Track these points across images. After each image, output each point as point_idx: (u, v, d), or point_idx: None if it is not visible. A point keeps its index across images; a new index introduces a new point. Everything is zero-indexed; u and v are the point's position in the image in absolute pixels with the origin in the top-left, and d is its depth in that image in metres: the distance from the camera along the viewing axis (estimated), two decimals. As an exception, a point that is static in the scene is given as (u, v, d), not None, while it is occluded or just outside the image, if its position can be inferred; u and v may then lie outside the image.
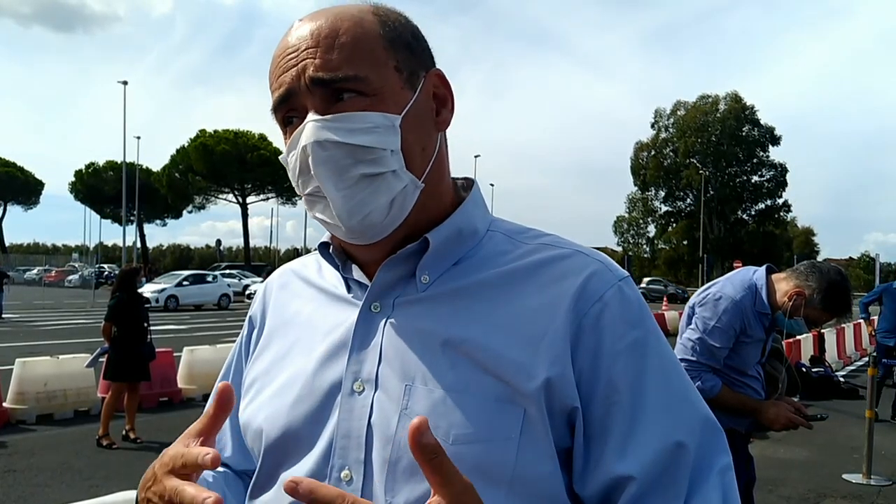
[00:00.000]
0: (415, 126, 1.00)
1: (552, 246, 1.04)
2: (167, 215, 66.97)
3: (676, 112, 75.05)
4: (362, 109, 0.96)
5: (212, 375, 11.08)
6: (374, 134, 0.96)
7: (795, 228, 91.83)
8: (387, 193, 0.97)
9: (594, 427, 0.95)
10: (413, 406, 0.95)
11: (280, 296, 1.20)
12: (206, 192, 57.62)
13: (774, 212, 74.88)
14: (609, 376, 0.95)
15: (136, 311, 8.48)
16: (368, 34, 0.99)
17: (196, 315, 28.92)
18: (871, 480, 7.17)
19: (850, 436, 8.68)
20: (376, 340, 1.01)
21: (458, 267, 1.03)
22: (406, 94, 1.00)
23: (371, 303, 1.04)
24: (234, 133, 54.54)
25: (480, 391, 0.94)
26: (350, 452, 0.97)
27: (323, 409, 1.01)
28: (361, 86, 0.96)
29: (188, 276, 34.42)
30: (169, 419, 9.70)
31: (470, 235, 1.05)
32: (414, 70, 1.02)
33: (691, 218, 73.13)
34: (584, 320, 0.96)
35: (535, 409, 0.92)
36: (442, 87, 1.06)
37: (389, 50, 0.99)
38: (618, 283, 1.00)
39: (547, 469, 0.94)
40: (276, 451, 1.04)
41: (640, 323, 0.99)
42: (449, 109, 1.06)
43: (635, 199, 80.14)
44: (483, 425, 0.92)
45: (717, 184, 72.64)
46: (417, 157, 1.00)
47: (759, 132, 72.84)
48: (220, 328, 22.36)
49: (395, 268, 1.02)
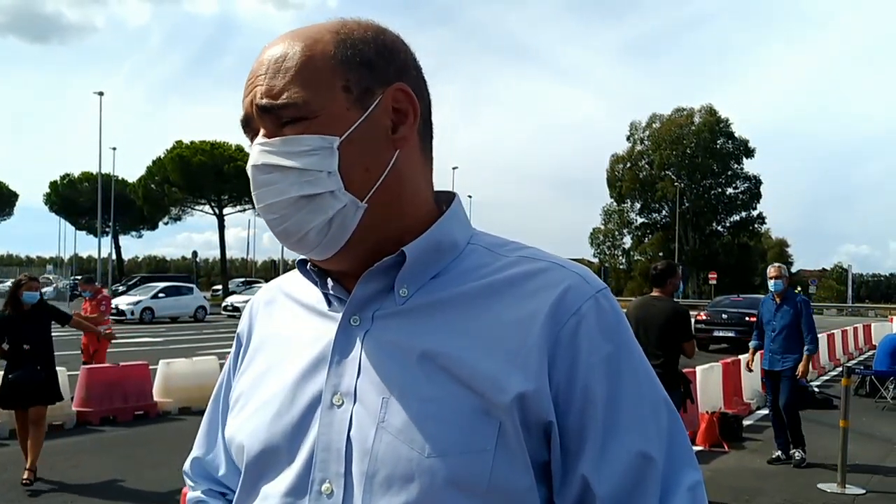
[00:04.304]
0: (358, 146, 1.00)
1: (531, 259, 1.05)
2: (143, 227, 66.37)
3: (652, 125, 75.63)
4: (302, 133, 0.99)
5: (188, 389, 11.04)
6: (311, 156, 0.98)
7: (769, 240, 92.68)
8: (323, 213, 0.99)
9: (570, 440, 0.96)
10: (390, 419, 0.95)
11: (265, 312, 1.21)
12: (182, 203, 57.18)
13: (748, 224, 75.53)
14: (585, 389, 0.95)
15: (13, 329, 7.43)
16: (316, 56, 1.00)
17: (172, 328, 28.68)
18: (846, 490, 7.22)
19: (825, 445, 8.76)
20: (355, 353, 1.01)
21: (437, 280, 1.04)
22: (353, 114, 1.00)
23: (350, 316, 1.04)
24: (210, 144, 54.24)
25: (456, 404, 0.94)
26: (330, 465, 0.97)
27: (303, 423, 1.01)
28: (301, 111, 0.98)
29: (164, 287, 34.11)
30: (144, 433, 9.60)
31: (449, 249, 1.06)
32: (368, 87, 1.01)
33: (667, 230, 73.62)
34: (560, 333, 0.96)
35: (509, 422, 0.93)
36: (405, 102, 1.04)
37: (339, 69, 1.00)
38: (594, 296, 1.00)
39: (523, 482, 0.94)
40: (257, 464, 1.05)
41: (616, 335, 0.99)
42: (409, 125, 1.04)
43: (611, 210, 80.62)
44: (458, 438, 0.93)
45: (692, 196, 73.21)
46: (359, 177, 1.00)
47: (733, 145, 73.53)
48: (197, 341, 22.20)
49: (372, 281, 1.03)
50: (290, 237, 1.01)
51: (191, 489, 1.29)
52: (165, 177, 54.24)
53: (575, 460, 0.96)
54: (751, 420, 10.91)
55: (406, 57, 1.08)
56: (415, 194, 1.07)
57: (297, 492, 0.99)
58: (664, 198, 73.74)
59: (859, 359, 20.29)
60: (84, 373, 10.21)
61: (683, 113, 74.57)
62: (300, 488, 0.99)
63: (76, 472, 7.56)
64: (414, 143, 1.06)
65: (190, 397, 10.98)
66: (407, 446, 0.93)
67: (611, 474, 0.94)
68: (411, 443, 0.93)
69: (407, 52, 1.08)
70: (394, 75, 1.04)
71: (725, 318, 21.43)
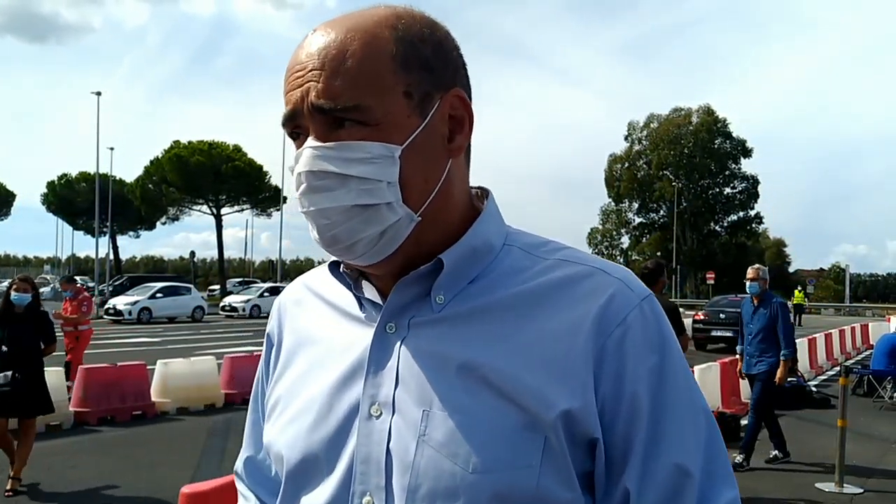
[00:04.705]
0: (419, 156, 0.96)
1: (570, 262, 1.01)
2: (141, 227, 66.18)
3: (650, 125, 75.64)
4: (362, 139, 0.93)
5: (186, 389, 11.04)
6: (371, 165, 0.93)
7: (767, 240, 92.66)
8: (378, 225, 0.95)
9: (615, 452, 0.94)
10: (431, 432, 0.93)
11: (294, 312, 1.17)
12: (179, 203, 57.05)
13: (746, 223, 75.55)
14: (631, 402, 0.93)
15: None
16: (378, 56, 0.94)
17: (170, 328, 28.66)
18: (843, 489, 7.23)
19: (823, 445, 8.76)
20: (392, 363, 0.98)
21: (474, 285, 1.00)
22: (413, 122, 0.95)
23: (386, 323, 1.01)
24: (208, 144, 54.11)
25: (499, 418, 0.91)
26: (370, 478, 0.95)
27: (341, 433, 0.99)
28: (362, 115, 0.93)
29: (161, 288, 34.09)
30: (142, 433, 9.60)
31: (485, 252, 1.02)
32: (428, 92, 0.97)
33: (664, 230, 73.63)
34: (606, 343, 0.94)
35: (554, 438, 0.90)
36: (461, 109, 1.00)
37: (400, 73, 0.95)
38: (639, 304, 0.97)
39: (568, 495, 0.92)
40: (297, 475, 1.03)
41: (661, 345, 0.96)
42: (465, 134, 1.01)
43: (609, 210, 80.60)
44: (503, 453, 0.90)
45: (690, 196, 73.22)
46: (417, 189, 0.96)
47: (731, 144, 73.56)
48: (195, 341, 22.20)
49: (408, 288, 0.99)
50: (337, 244, 0.96)
51: (243, 499, 1.25)
52: (163, 177, 54.19)
53: (619, 473, 0.94)
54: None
55: (457, 56, 1.03)
56: (459, 201, 1.04)
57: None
58: (662, 198, 73.74)
59: (857, 358, 20.31)
60: (82, 373, 10.20)
61: (681, 113, 74.59)
62: (341, 501, 0.97)
63: (74, 473, 7.56)
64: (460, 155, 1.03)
65: (188, 397, 10.98)
66: (450, 461, 0.91)
67: (652, 487, 0.93)
68: (454, 458, 0.91)
69: (457, 51, 1.03)
70: (450, 79, 1.00)
71: (723, 318, 21.41)
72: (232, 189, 53.79)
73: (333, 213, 0.94)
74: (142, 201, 56.54)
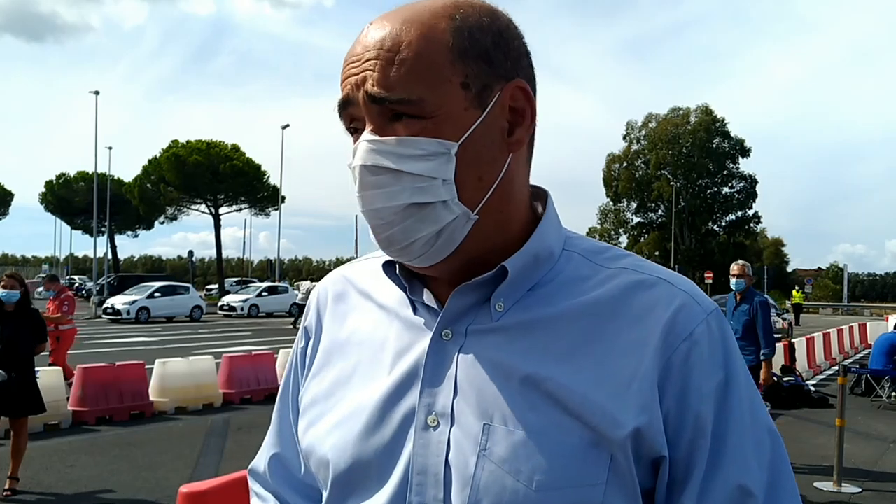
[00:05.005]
0: (476, 151, 0.93)
1: (634, 271, 0.99)
2: (139, 226, 66.10)
3: (648, 124, 75.57)
4: (417, 133, 0.91)
5: (184, 388, 11.02)
6: (426, 161, 0.91)
7: (765, 239, 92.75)
8: (434, 224, 0.92)
9: (677, 470, 0.91)
10: (493, 447, 0.90)
11: (337, 308, 1.13)
12: (178, 202, 56.95)
13: (744, 223, 75.47)
14: (696, 420, 0.91)
15: None
16: (434, 47, 0.91)
17: (168, 327, 28.64)
18: (841, 489, 7.23)
19: (821, 444, 8.77)
20: (450, 372, 0.95)
21: (534, 293, 0.97)
22: (471, 115, 0.92)
23: (442, 330, 0.98)
24: (206, 143, 54.01)
25: (565, 434, 0.89)
26: (427, 490, 0.92)
27: (395, 442, 0.96)
28: (416, 109, 0.90)
29: (160, 287, 34.10)
30: (140, 432, 9.58)
31: (546, 259, 0.99)
32: (487, 84, 0.94)
33: (663, 229, 73.57)
34: (672, 358, 0.92)
35: (622, 456, 0.88)
36: (522, 101, 0.97)
37: (458, 64, 0.92)
38: (706, 318, 0.95)
39: None
40: (345, 482, 1.00)
41: (727, 362, 0.94)
42: (526, 127, 0.97)
43: (607, 210, 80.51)
44: (568, 471, 0.88)
45: (688, 195, 73.16)
46: (472, 186, 0.93)
47: (729, 144, 73.49)
48: (193, 340, 22.18)
49: (467, 294, 0.97)
50: (393, 245, 0.94)
51: (257, 498, 1.21)
52: (161, 176, 54.09)
53: (679, 491, 0.92)
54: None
55: (520, 45, 0.99)
56: (520, 200, 1.01)
57: None
58: (660, 197, 73.68)
59: (855, 358, 20.35)
60: (80, 372, 10.19)
61: (679, 112, 74.53)
62: None
63: (72, 472, 7.55)
64: (524, 145, 0.99)
65: (186, 397, 10.97)
66: (512, 478, 0.88)
67: None
68: (517, 474, 0.88)
69: (520, 39, 0.99)
70: (511, 69, 0.96)
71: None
72: (230, 188, 53.70)
73: (388, 212, 0.92)
74: (140, 201, 56.44)
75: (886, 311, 46.88)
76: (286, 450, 1.18)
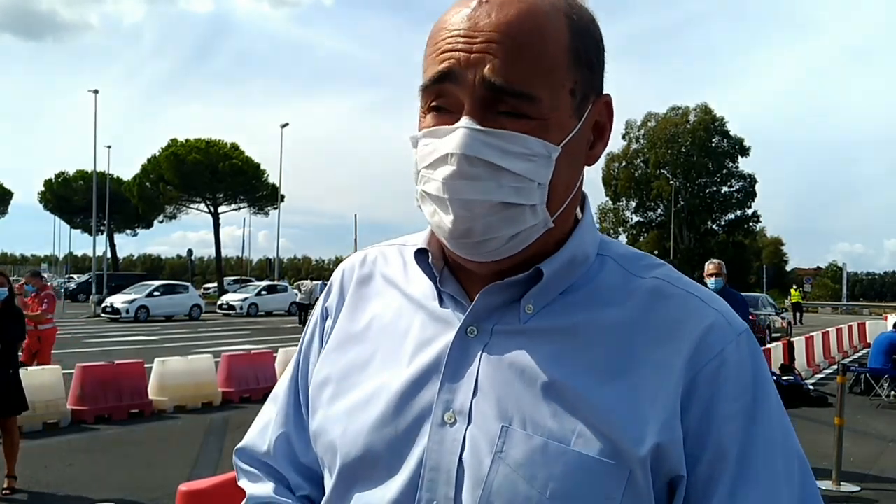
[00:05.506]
0: (568, 160, 0.91)
1: (668, 284, 0.96)
2: (138, 225, 66.07)
3: (647, 123, 75.52)
4: (524, 131, 0.87)
5: (183, 387, 11.02)
6: (529, 162, 0.88)
7: (764, 239, 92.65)
8: (516, 226, 0.89)
9: (696, 491, 0.88)
10: (509, 450, 0.88)
11: (359, 291, 1.10)
12: (177, 201, 56.87)
13: (744, 222, 75.43)
14: (718, 440, 0.88)
15: None
16: (557, 46, 0.88)
17: (167, 326, 28.61)
18: (840, 487, 7.25)
19: (820, 443, 8.76)
20: (472, 370, 0.93)
21: (565, 298, 0.95)
22: (572, 123, 0.91)
23: (468, 326, 0.96)
24: (205, 142, 53.90)
25: (584, 446, 0.87)
26: (439, 487, 0.90)
27: (409, 435, 0.94)
28: (531, 106, 0.87)
29: (159, 286, 34.08)
30: (139, 431, 9.58)
31: (581, 262, 0.97)
32: (586, 94, 0.92)
33: (662, 228, 73.56)
34: (699, 376, 0.89)
35: (640, 472, 0.86)
36: (605, 117, 0.97)
37: (572, 68, 0.90)
38: (737, 339, 0.92)
39: None
40: (353, 471, 0.97)
41: (756, 385, 0.91)
42: (605, 142, 0.97)
43: (606, 209, 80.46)
44: (585, 483, 0.86)
45: (688, 194, 73.14)
46: (560, 194, 0.92)
47: (728, 143, 73.45)
48: (192, 339, 22.17)
49: (499, 293, 0.95)
50: (470, 237, 0.89)
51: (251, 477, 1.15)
52: (160, 175, 54.03)
53: None
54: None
55: (604, 58, 0.97)
56: (575, 209, 1.00)
57: None
58: (659, 196, 73.66)
59: (854, 357, 20.36)
60: (79, 371, 10.18)
61: (679, 112, 74.46)
62: None
63: (71, 471, 7.55)
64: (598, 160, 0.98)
65: (185, 396, 10.96)
66: (526, 483, 0.86)
67: None
68: (531, 480, 0.86)
69: (604, 52, 0.97)
70: (601, 82, 0.95)
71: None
72: (229, 187, 53.65)
73: (478, 206, 0.88)
74: (139, 199, 56.39)
75: (885, 310, 46.87)
76: (292, 430, 1.14)
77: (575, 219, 1.00)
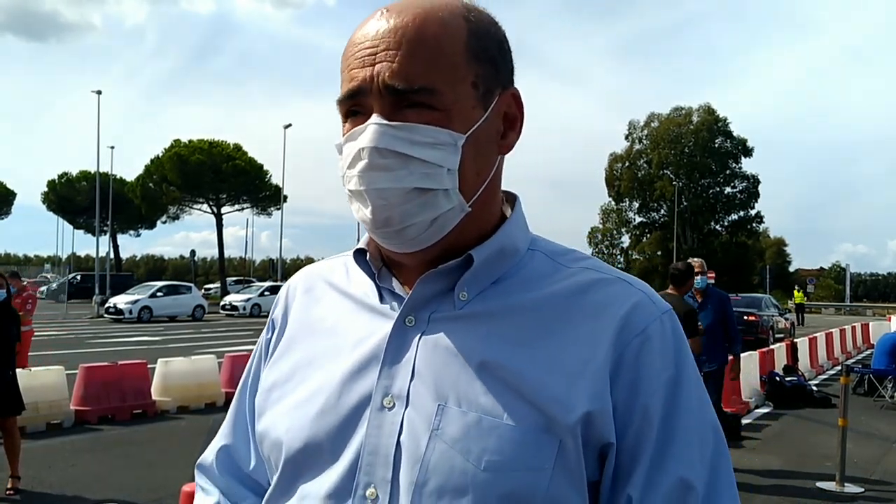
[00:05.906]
0: (476, 148, 0.97)
1: (594, 270, 1.03)
2: (141, 226, 66.03)
3: (650, 124, 75.50)
4: (429, 123, 0.94)
5: (186, 387, 11.03)
6: (435, 150, 0.94)
7: (767, 239, 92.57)
8: (432, 211, 0.95)
9: (622, 461, 0.94)
10: (445, 427, 0.92)
11: (304, 300, 1.16)
12: (180, 202, 56.90)
13: (747, 223, 75.39)
14: (644, 412, 0.94)
15: None
16: (454, 43, 0.96)
17: (170, 326, 28.65)
18: (844, 488, 7.23)
19: (824, 444, 8.76)
20: (409, 356, 0.98)
21: (497, 286, 1.01)
22: (476, 113, 0.97)
23: (406, 316, 1.00)
24: (208, 143, 53.97)
25: (516, 418, 0.91)
26: (377, 470, 0.94)
27: (350, 423, 0.97)
28: (433, 99, 0.94)
29: (162, 286, 34.12)
30: (142, 432, 9.59)
31: (511, 254, 1.03)
32: (490, 87, 0.99)
33: (665, 229, 73.51)
34: (626, 350, 0.95)
35: (571, 441, 0.91)
36: (515, 108, 1.04)
37: (472, 63, 0.97)
38: (660, 317, 0.98)
39: (577, 500, 0.92)
40: (297, 463, 1.00)
41: (678, 359, 0.97)
42: (516, 132, 1.04)
43: (609, 210, 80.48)
44: (517, 454, 0.90)
45: (691, 195, 73.10)
46: (471, 179, 0.98)
47: (731, 144, 73.40)
48: (195, 339, 22.21)
49: (433, 282, 1.00)
50: (389, 226, 0.95)
51: (202, 492, 1.21)
52: (163, 176, 54.07)
53: (624, 482, 0.94)
54: (749, 419, 10.92)
55: (511, 58, 1.05)
56: (498, 200, 1.06)
57: (339, 495, 0.95)
58: (662, 197, 73.61)
59: (857, 358, 20.34)
60: (82, 371, 10.19)
61: (682, 112, 74.45)
62: (343, 491, 0.95)
63: (74, 471, 7.56)
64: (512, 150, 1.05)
65: (188, 396, 10.98)
66: (462, 457, 0.90)
67: (655, 498, 0.92)
68: (466, 454, 0.90)
69: (511, 53, 1.05)
70: (508, 77, 1.03)
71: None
72: (232, 188, 53.67)
73: (392, 194, 0.94)
74: (142, 200, 56.44)
75: (889, 311, 46.86)
76: (237, 442, 1.19)
77: (503, 216, 1.06)
